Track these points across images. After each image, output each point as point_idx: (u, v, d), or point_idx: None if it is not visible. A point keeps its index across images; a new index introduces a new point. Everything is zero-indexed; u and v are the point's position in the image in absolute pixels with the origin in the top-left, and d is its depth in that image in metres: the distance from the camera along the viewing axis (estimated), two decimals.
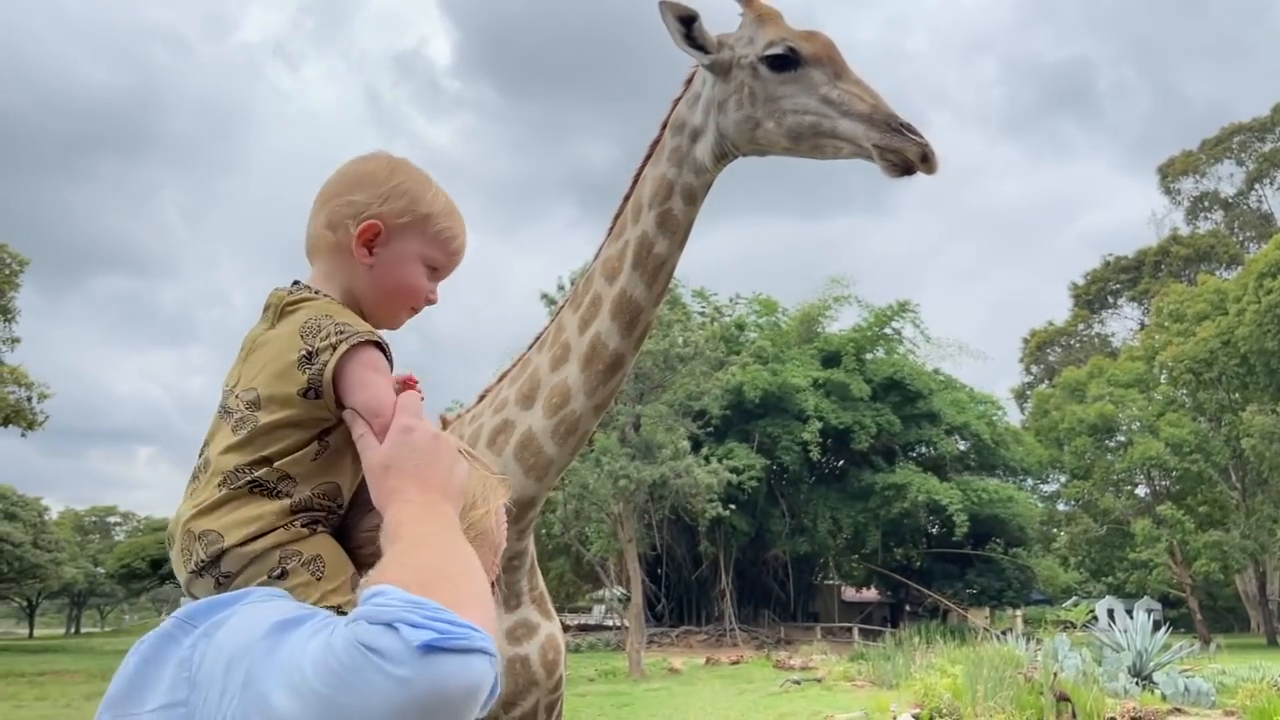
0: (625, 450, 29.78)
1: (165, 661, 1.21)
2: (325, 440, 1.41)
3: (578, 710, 18.69)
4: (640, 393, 31.41)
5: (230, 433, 1.40)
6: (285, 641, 1.13)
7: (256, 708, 1.09)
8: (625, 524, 31.22)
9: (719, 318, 42.65)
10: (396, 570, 1.15)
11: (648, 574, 40.86)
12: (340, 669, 1.02)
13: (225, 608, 1.26)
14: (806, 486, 44.12)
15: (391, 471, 1.32)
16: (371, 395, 1.39)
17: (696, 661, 30.89)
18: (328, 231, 1.55)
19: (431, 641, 1.02)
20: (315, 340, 1.41)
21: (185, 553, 1.37)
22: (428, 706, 1.02)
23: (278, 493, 1.38)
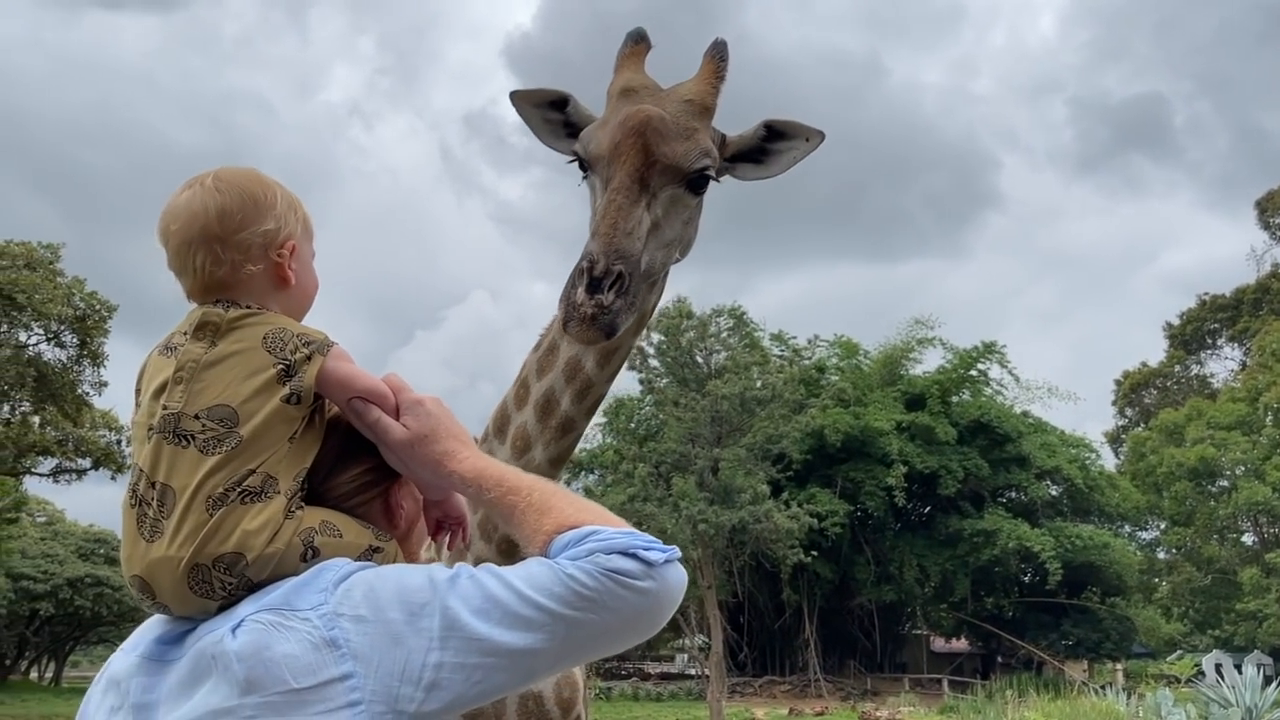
0: (703, 494, 29.52)
1: (282, 648, 1.26)
2: (293, 437, 1.45)
3: None
4: (718, 436, 31.20)
5: (200, 454, 1.39)
6: (458, 590, 1.29)
7: (474, 649, 1.26)
8: (705, 570, 30.83)
9: (798, 360, 42.26)
10: (574, 510, 1.38)
11: (729, 622, 40.24)
12: (592, 593, 1.27)
13: (315, 587, 1.33)
14: (892, 533, 43.09)
15: (429, 439, 1.47)
16: (369, 383, 1.51)
17: (780, 712, 30.17)
18: (249, 265, 1.54)
19: (666, 558, 1.32)
20: (285, 353, 1.46)
21: (201, 587, 1.36)
22: (661, 606, 1.32)
23: (265, 494, 1.39)
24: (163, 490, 1.39)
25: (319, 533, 1.43)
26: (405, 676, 1.26)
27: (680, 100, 2.43)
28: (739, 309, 37.46)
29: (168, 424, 1.40)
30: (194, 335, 1.47)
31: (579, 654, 1.35)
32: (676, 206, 2.40)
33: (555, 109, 2.68)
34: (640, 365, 33.97)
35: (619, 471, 32.74)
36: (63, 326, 30.60)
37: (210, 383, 1.42)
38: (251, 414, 1.41)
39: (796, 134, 2.57)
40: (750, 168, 2.63)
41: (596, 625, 1.29)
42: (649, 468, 31.16)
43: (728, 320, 36.63)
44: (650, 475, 30.74)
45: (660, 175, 2.34)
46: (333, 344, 1.52)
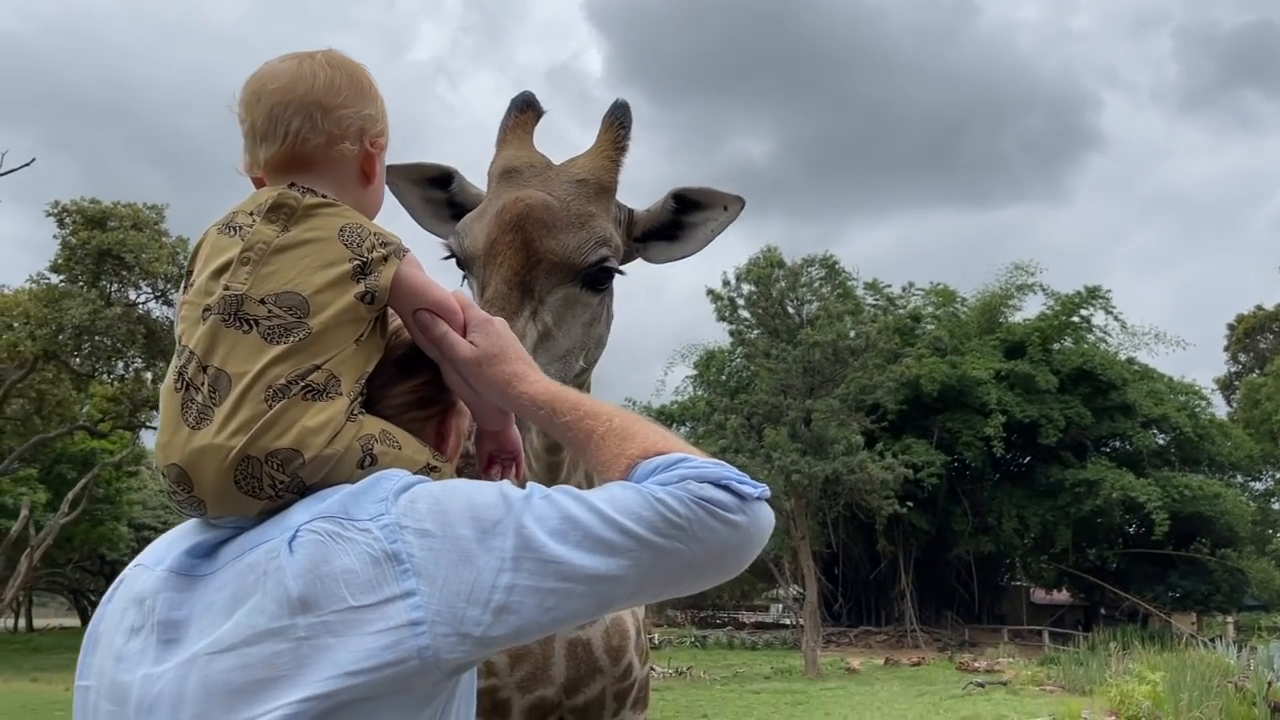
0: (796, 446, 29.34)
1: (341, 562, 1.17)
2: (360, 339, 1.36)
3: (751, 707, 18.53)
4: (810, 387, 30.91)
5: (263, 341, 1.28)
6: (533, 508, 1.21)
7: (550, 572, 1.17)
8: (798, 521, 30.76)
9: (892, 309, 41.51)
10: (660, 437, 1.31)
11: (824, 572, 40.15)
12: (682, 521, 1.19)
13: (373, 496, 1.23)
14: (990, 483, 42.29)
15: (497, 359, 1.40)
16: (441, 295, 1.43)
17: (875, 662, 30.11)
18: (345, 143, 1.45)
19: (759, 494, 1.25)
20: (362, 250, 1.37)
21: (249, 482, 1.25)
22: (751, 542, 1.25)
23: (328, 393, 1.30)
24: (216, 375, 1.28)
25: (379, 441, 1.34)
26: (473, 598, 1.16)
27: (571, 181, 2.09)
28: (831, 258, 36.84)
29: (229, 305, 1.30)
30: (266, 216, 1.37)
31: (660, 586, 1.25)
32: (573, 309, 2.07)
33: (437, 186, 2.38)
34: (730, 316, 33.80)
35: (710, 423, 32.71)
36: (168, 285, 31.60)
37: (281, 268, 1.32)
38: (323, 306, 1.31)
39: (712, 203, 2.27)
40: (663, 246, 2.31)
41: (683, 556, 1.21)
42: (740, 419, 31.08)
43: (819, 270, 36.08)
44: (742, 427, 30.67)
45: (547, 276, 2.01)
46: (408, 250, 1.43)
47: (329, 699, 1.12)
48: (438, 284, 1.44)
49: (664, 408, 40.24)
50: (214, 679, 1.16)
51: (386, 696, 1.15)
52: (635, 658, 2.74)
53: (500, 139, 2.23)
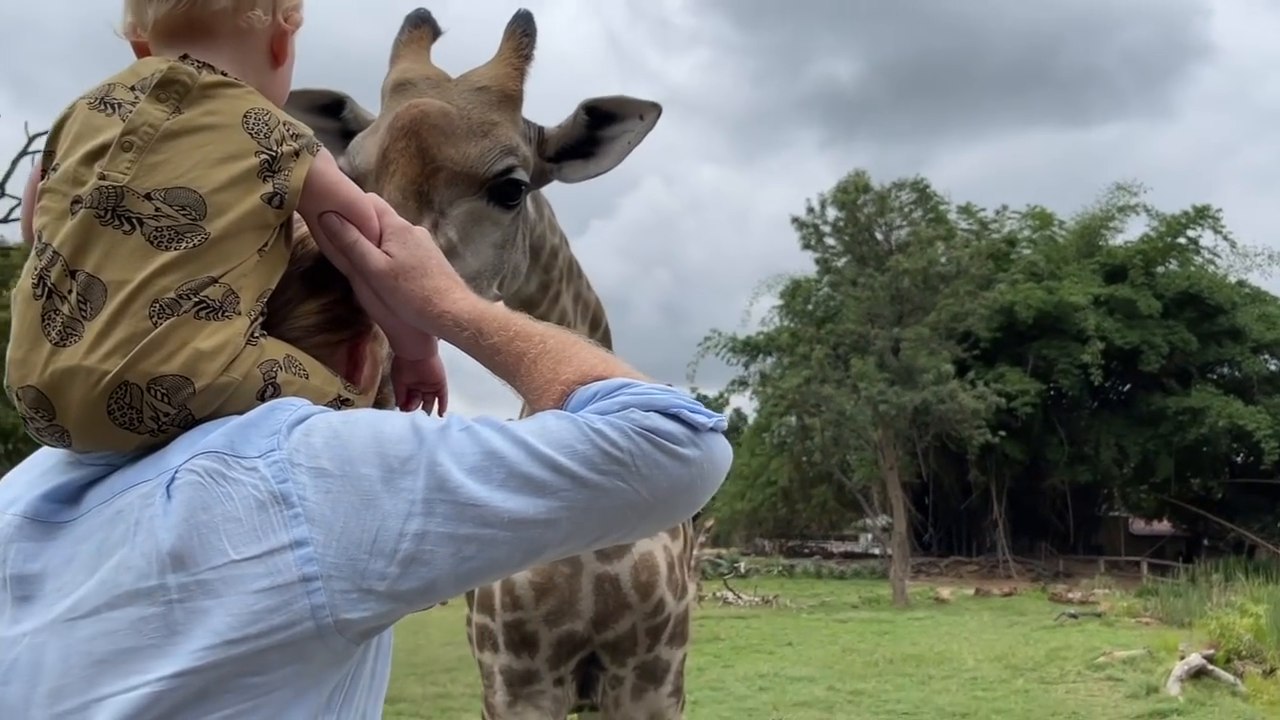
0: (884, 375, 28.89)
1: (223, 508, 1.00)
2: (263, 249, 1.16)
3: (837, 635, 18.55)
4: (899, 315, 30.33)
5: (149, 245, 1.08)
6: (450, 443, 1.05)
7: (468, 516, 1.02)
8: (886, 451, 30.43)
9: (986, 233, 40.28)
10: (601, 360, 1.16)
11: (914, 503, 39.78)
12: (623, 455, 1.05)
13: (265, 429, 1.05)
14: (1087, 412, 41.12)
15: (416, 272, 1.22)
16: (353, 195, 1.23)
17: (965, 592, 29.82)
18: (255, 10, 1.23)
19: (713, 424, 1.10)
20: (270, 142, 1.16)
21: (125, 413, 1.06)
22: (705, 480, 1.11)
23: (225, 312, 1.10)
24: (88, 283, 1.07)
25: (283, 368, 1.15)
26: (376, 548, 1.00)
27: (471, 89, 1.91)
28: (923, 181, 35.87)
29: (107, 199, 1.08)
30: (154, 93, 1.14)
31: (599, 530, 1.09)
32: (481, 226, 1.88)
33: (328, 115, 2.18)
34: (816, 244, 33.22)
35: (795, 354, 32.39)
36: None
37: (172, 158, 1.11)
38: (224, 208, 1.11)
39: (628, 113, 2.09)
40: (578, 165, 2.14)
41: (624, 496, 1.05)
42: (826, 349, 30.67)
43: (910, 194, 35.16)
44: (828, 357, 30.26)
45: (447, 186, 1.83)
46: (320, 144, 1.23)
47: (207, 672, 0.96)
48: (351, 183, 1.25)
49: (749, 339, 39.94)
50: (74, 648, 1.00)
51: (279, 668, 0.99)
52: (668, 593, 2.67)
53: (394, 55, 2.04)
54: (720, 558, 39.59)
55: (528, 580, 2.60)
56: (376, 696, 1.18)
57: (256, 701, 0.98)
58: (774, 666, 14.18)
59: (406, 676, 12.78)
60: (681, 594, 2.75)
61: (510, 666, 2.66)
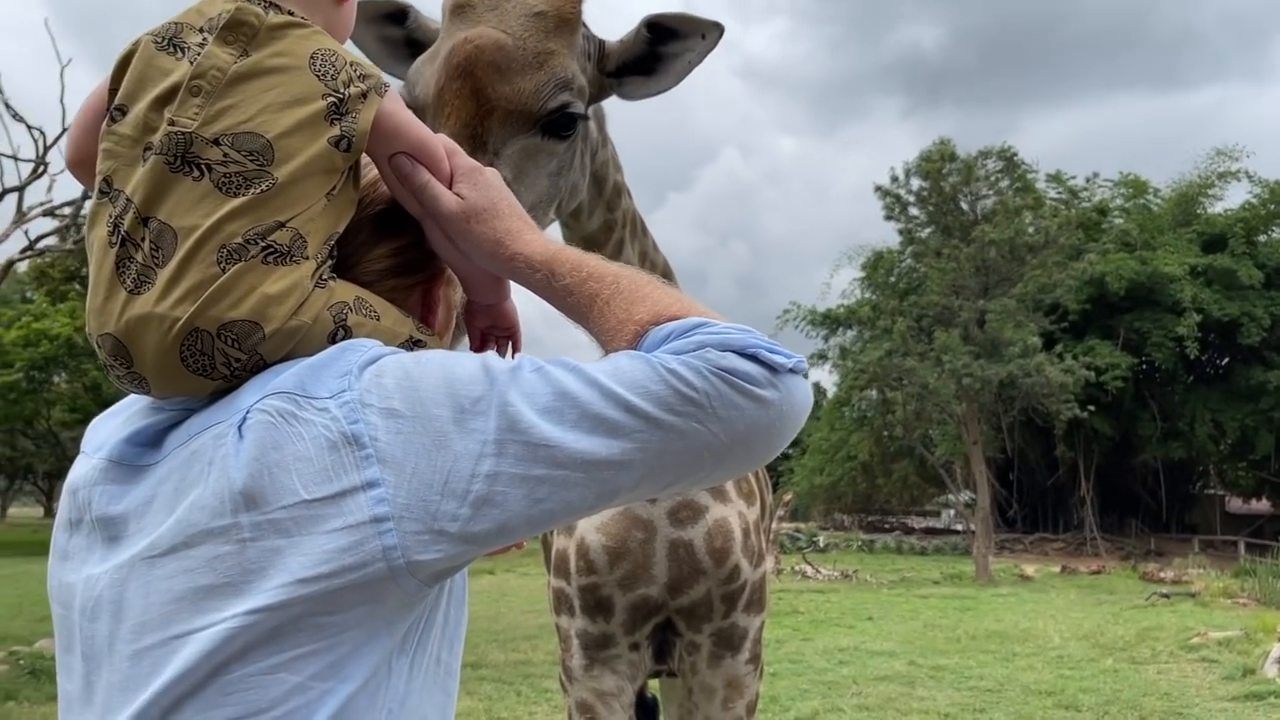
0: (968, 348, 28.32)
1: (294, 448, 1.00)
2: (332, 192, 1.14)
3: (918, 610, 18.33)
4: (984, 286, 29.67)
5: (217, 191, 1.07)
6: (521, 383, 1.03)
7: (540, 457, 1.00)
8: (970, 426, 29.88)
9: (1075, 202, 39.09)
10: (676, 300, 1.13)
11: (998, 478, 39.06)
12: (699, 395, 1.02)
13: (336, 370, 1.05)
14: (1182, 386, 39.75)
15: (488, 214, 1.20)
16: (423, 136, 1.21)
17: (1051, 569, 29.21)
18: None
19: (793, 365, 1.07)
20: (338, 84, 1.14)
21: (198, 359, 1.07)
22: (784, 423, 1.07)
23: (293, 256, 1.10)
24: (160, 230, 1.07)
25: (353, 310, 1.14)
26: (448, 489, 0.99)
27: (528, 14, 1.86)
28: (1010, 149, 34.82)
29: (176, 145, 1.08)
30: (221, 36, 1.12)
31: (674, 473, 1.06)
32: (535, 159, 1.89)
33: (393, 23, 2.15)
34: (899, 214, 32.62)
35: (876, 327, 31.93)
36: None
37: (240, 102, 1.10)
38: (291, 153, 1.10)
39: (690, 30, 2.04)
40: (639, 81, 2.10)
41: (700, 438, 1.02)
42: (909, 322, 30.17)
43: (996, 162, 34.22)
44: (911, 329, 29.77)
45: (501, 126, 1.83)
46: (389, 84, 1.20)
47: (281, 610, 0.96)
48: (421, 124, 1.23)
49: (829, 311, 39.48)
50: (154, 585, 1.01)
51: (351, 608, 0.99)
52: (743, 559, 2.63)
53: None
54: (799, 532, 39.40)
55: (601, 544, 2.59)
56: (452, 642, 1.18)
57: (330, 640, 0.99)
58: (854, 640, 14.07)
59: (489, 643, 12.99)
60: (758, 561, 2.71)
61: (586, 630, 2.67)
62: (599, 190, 2.29)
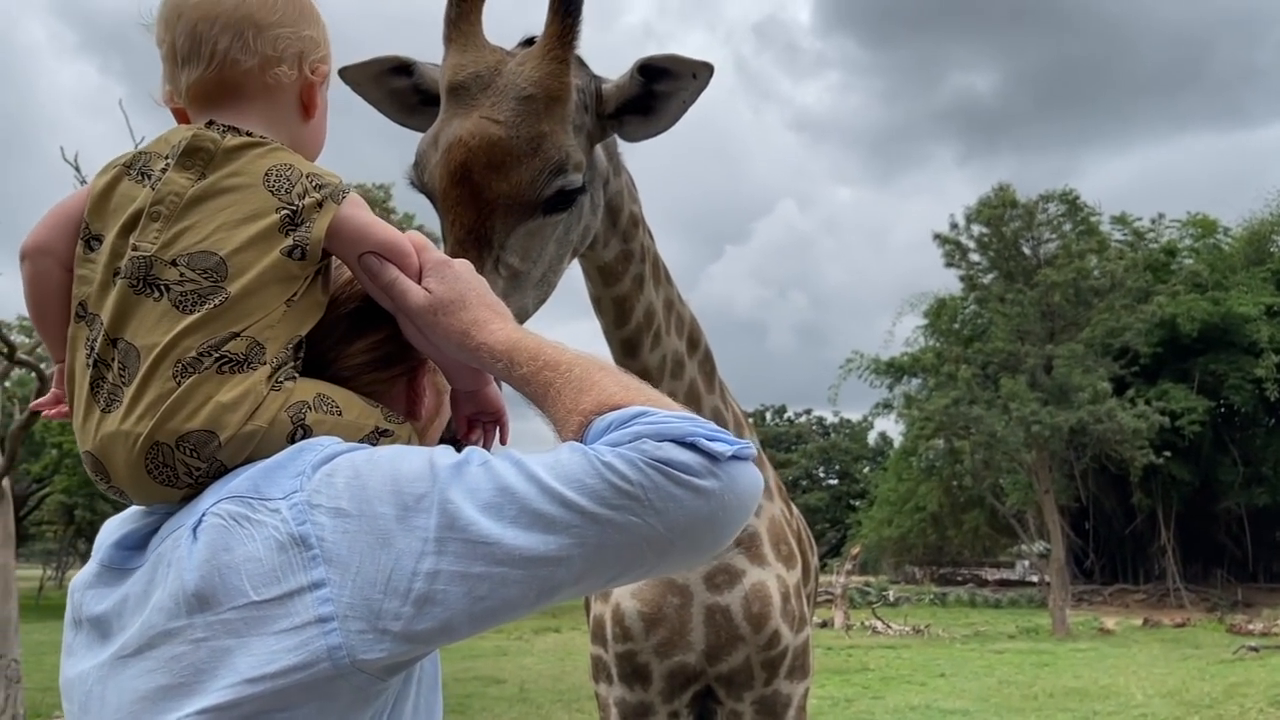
0: (1036, 395, 27.77)
1: (244, 549, 1.03)
2: (292, 300, 1.19)
3: (993, 666, 17.82)
4: (1050, 331, 29.17)
5: (174, 310, 1.13)
6: (464, 479, 1.04)
7: (480, 554, 1.00)
8: (1041, 474, 29.20)
9: (1141, 244, 38.35)
10: (621, 388, 1.13)
11: (1073, 528, 37.97)
12: (635, 488, 1.01)
13: (292, 470, 1.08)
14: (1263, 430, 38.40)
15: (455, 305, 1.22)
16: (388, 236, 1.25)
17: (1132, 622, 28.22)
18: (281, 66, 1.28)
19: (735, 452, 1.05)
20: (292, 196, 1.20)
21: (162, 471, 1.12)
22: (727, 514, 1.05)
23: (249, 363, 1.14)
24: (126, 350, 1.13)
25: (312, 408, 1.17)
26: (391, 587, 0.99)
27: (518, 99, 1.91)
28: (1071, 192, 34.36)
29: (138, 269, 1.14)
30: (180, 162, 1.19)
31: (616, 568, 1.06)
32: (540, 235, 1.96)
33: (400, 74, 2.23)
34: (960, 261, 32.30)
35: (941, 374, 31.47)
36: None
37: (196, 223, 1.16)
38: (244, 267, 1.15)
39: (681, 71, 2.07)
40: (638, 122, 2.14)
41: (638, 531, 1.02)
42: (974, 369, 29.69)
43: (1058, 206, 33.77)
44: (975, 377, 29.29)
45: (504, 220, 1.90)
46: (349, 189, 1.25)
47: (230, 709, 0.99)
48: (385, 224, 1.27)
49: (893, 360, 39.04)
50: (124, 684, 1.06)
51: (302, 705, 1.00)
52: (783, 625, 2.60)
53: (445, 35, 2.02)
54: (868, 585, 38.69)
55: (637, 610, 2.58)
56: (428, 706, 1.19)
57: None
58: (926, 698, 13.70)
59: (553, 703, 12.91)
60: (799, 626, 2.67)
61: (624, 699, 2.64)
62: (613, 221, 2.33)
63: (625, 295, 2.39)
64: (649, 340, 2.44)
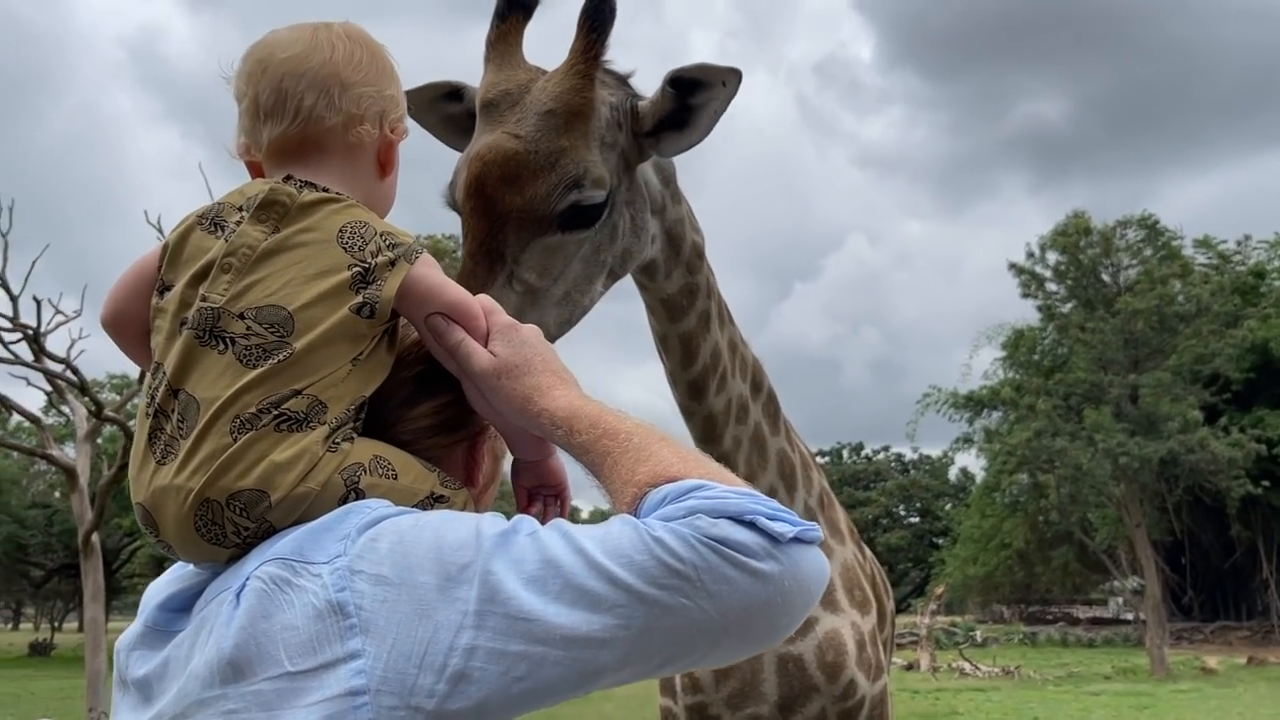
0: (1122, 426, 26.97)
1: (283, 616, 0.98)
2: (358, 359, 1.17)
3: (1089, 710, 17.16)
4: (1134, 360, 28.37)
5: (238, 364, 1.11)
6: (511, 549, 0.98)
7: (519, 631, 0.94)
8: (1131, 508, 28.28)
9: (1228, 267, 37.17)
10: (679, 459, 1.06)
11: (1168, 562, 36.59)
12: (686, 568, 0.94)
13: (337, 534, 1.03)
14: None
15: (519, 370, 1.18)
16: (459, 296, 1.23)
17: (1236, 661, 26.98)
18: (364, 125, 1.27)
19: (797, 534, 0.98)
20: (364, 254, 1.18)
21: (210, 529, 1.09)
22: (787, 601, 0.98)
23: (309, 422, 1.12)
24: (186, 402, 1.11)
25: (367, 471, 1.13)
26: (426, 662, 0.94)
27: (540, 114, 1.91)
28: (1151, 217, 33.55)
29: (205, 320, 1.13)
30: (255, 215, 1.18)
31: (663, 655, 0.98)
32: (560, 252, 1.93)
33: (452, 100, 2.22)
34: (1036, 291, 31.69)
35: (1021, 407, 30.75)
36: None
37: (266, 277, 1.14)
38: (312, 324, 1.13)
39: (712, 80, 2.03)
40: (673, 138, 2.10)
41: (689, 615, 0.94)
42: (1055, 400, 28.96)
43: (1137, 231, 33.00)
44: (1057, 409, 28.57)
45: (517, 234, 1.87)
46: (422, 249, 1.22)
47: None
48: (456, 285, 1.25)
49: (971, 393, 38.27)
50: None
51: None
52: (859, 674, 2.51)
53: (485, 56, 2.04)
54: (954, 626, 37.69)
55: None
56: None
57: None
58: None
59: None
60: (876, 675, 2.58)
61: None
62: (675, 250, 2.30)
63: (692, 333, 2.36)
64: (715, 383, 2.40)
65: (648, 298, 2.35)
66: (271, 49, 1.27)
